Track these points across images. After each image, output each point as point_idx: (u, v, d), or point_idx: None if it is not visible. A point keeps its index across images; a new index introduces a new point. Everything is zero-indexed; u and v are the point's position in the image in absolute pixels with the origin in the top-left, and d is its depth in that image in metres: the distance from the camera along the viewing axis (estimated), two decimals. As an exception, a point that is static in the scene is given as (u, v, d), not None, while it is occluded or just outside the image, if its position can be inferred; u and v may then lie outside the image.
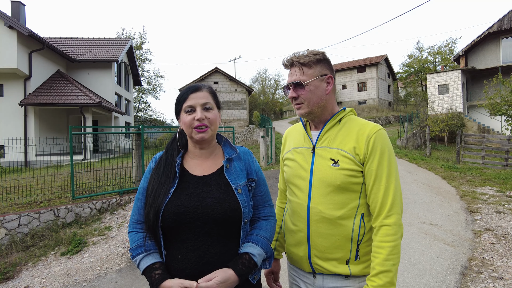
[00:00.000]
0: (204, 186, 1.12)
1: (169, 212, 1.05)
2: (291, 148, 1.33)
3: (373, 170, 1.12)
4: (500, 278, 3.10)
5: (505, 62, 19.50)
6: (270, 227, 1.21)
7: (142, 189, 1.17)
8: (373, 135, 1.14)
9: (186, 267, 1.03)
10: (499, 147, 11.28)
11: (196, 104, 1.12)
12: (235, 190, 1.12)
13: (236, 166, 1.19)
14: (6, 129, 12.56)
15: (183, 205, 1.06)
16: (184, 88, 1.19)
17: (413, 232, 4.42)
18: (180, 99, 1.15)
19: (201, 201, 1.08)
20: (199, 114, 1.10)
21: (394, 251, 1.06)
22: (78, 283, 3.50)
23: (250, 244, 1.11)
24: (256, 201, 1.22)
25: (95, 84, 16.61)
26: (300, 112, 1.21)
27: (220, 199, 1.08)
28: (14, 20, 13.17)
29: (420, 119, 17.90)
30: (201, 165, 1.18)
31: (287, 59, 1.22)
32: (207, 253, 1.04)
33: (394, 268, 1.06)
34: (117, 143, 10.10)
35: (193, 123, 1.11)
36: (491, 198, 6.18)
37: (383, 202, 1.10)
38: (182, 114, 1.14)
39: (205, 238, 1.05)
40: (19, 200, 5.36)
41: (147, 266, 1.04)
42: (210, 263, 1.04)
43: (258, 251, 1.11)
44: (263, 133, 10.94)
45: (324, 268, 1.17)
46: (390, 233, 1.07)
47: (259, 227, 1.19)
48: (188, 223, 1.05)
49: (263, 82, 41.47)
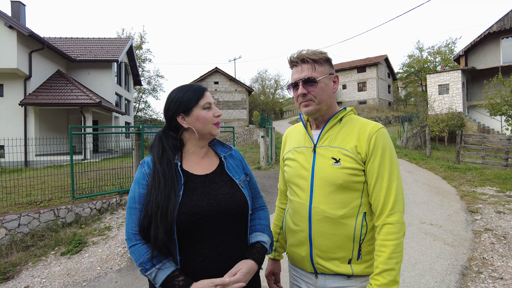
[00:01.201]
0: (211, 184, 1.13)
1: (184, 214, 1.01)
2: (291, 148, 1.32)
3: (375, 168, 1.13)
4: (500, 278, 3.10)
5: (505, 62, 19.51)
6: (267, 215, 1.31)
7: (138, 197, 1.08)
8: (374, 134, 1.15)
9: (208, 267, 1.03)
10: (499, 147, 11.29)
11: (211, 101, 1.17)
12: (239, 185, 1.17)
13: (232, 163, 1.24)
14: (6, 129, 12.56)
15: (197, 205, 1.05)
16: (193, 86, 1.17)
17: (413, 232, 4.42)
18: (193, 97, 1.13)
19: (214, 198, 1.09)
20: (218, 110, 1.17)
21: (397, 249, 1.06)
22: (78, 283, 3.50)
23: (258, 233, 1.19)
24: (251, 193, 1.28)
25: (95, 84, 16.61)
26: (308, 109, 1.19)
27: (231, 194, 1.13)
28: (14, 20, 13.17)
29: (420, 119, 17.90)
30: (199, 164, 1.18)
31: (297, 55, 1.19)
32: (226, 249, 1.07)
33: (398, 266, 1.06)
34: (117, 143, 10.10)
35: (213, 119, 1.15)
36: (491, 198, 6.18)
37: (385, 200, 1.11)
38: (198, 110, 1.13)
39: (223, 235, 1.08)
40: (19, 200, 5.36)
41: (167, 276, 0.98)
42: (231, 259, 1.06)
43: (267, 238, 1.20)
44: (263, 133, 10.93)
45: (326, 268, 1.16)
46: (393, 231, 1.08)
47: (258, 217, 1.26)
48: (204, 223, 1.04)
49: (263, 82, 41.49)
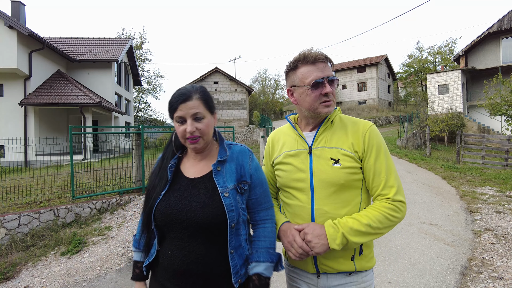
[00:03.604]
0: (192, 189, 1.13)
1: (159, 212, 1.12)
2: (282, 152, 1.29)
3: (371, 165, 1.15)
4: (500, 278, 3.10)
5: (505, 62, 19.51)
6: (268, 233, 1.19)
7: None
8: (367, 132, 1.17)
9: (174, 263, 1.10)
10: (499, 147, 11.29)
11: (186, 115, 1.09)
12: (221, 194, 1.10)
13: (228, 168, 1.16)
14: (6, 129, 12.56)
15: (170, 207, 1.11)
16: (175, 94, 1.13)
17: (413, 232, 4.42)
18: (170, 108, 1.13)
19: (186, 204, 1.10)
20: (189, 127, 1.09)
21: (383, 221, 1.09)
22: (78, 283, 3.50)
23: (254, 264, 1.13)
24: (251, 204, 1.20)
25: (95, 84, 16.61)
26: (330, 109, 1.18)
27: (204, 204, 1.09)
28: (14, 20, 13.16)
29: (420, 119, 17.90)
30: (195, 166, 1.19)
31: (321, 53, 1.17)
32: (192, 253, 1.08)
33: (367, 230, 1.07)
34: (117, 143, 10.10)
35: (185, 134, 1.10)
36: (491, 198, 6.18)
37: (387, 192, 1.13)
38: (174, 122, 1.14)
39: (190, 240, 1.08)
40: (19, 200, 5.36)
41: (134, 260, 1.27)
42: (195, 263, 1.07)
43: (264, 267, 1.12)
44: (263, 133, 10.94)
45: (330, 267, 1.17)
46: (390, 208, 1.11)
47: (257, 237, 1.19)
48: (174, 225, 1.10)
49: (263, 82, 41.52)
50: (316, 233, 1.09)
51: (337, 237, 1.06)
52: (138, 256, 1.26)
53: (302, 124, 1.29)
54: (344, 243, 1.07)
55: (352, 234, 1.07)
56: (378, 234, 1.10)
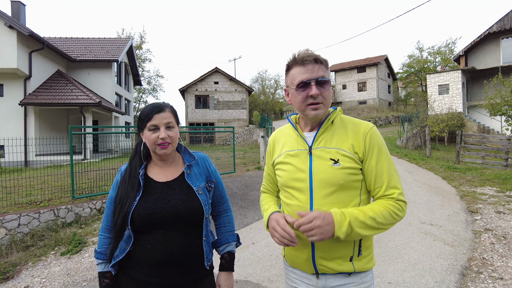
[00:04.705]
0: (168, 190, 1.28)
1: (139, 215, 1.22)
2: (283, 152, 1.29)
3: (373, 166, 1.15)
4: (500, 278, 3.10)
5: (505, 62, 19.52)
6: (230, 219, 1.49)
7: (110, 199, 1.33)
8: (368, 133, 1.17)
9: (155, 255, 1.20)
10: (499, 147, 11.29)
11: (160, 123, 1.25)
12: (196, 192, 1.29)
13: (195, 171, 1.36)
14: (6, 129, 12.56)
15: (151, 207, 1.22)
16: (148, 106, 1.30)
17: (413, 232, 4.42)
18: (145, 118, 1.26)
19: (166, 203, 1.24)
20: (163, 133, 1.24)
21: (387, 217, 1.09)
22: (78, 283, 3.50)
23: (226, 245, 1.42)
24: (215, 199, 1.44)
25: (95, 84, 16.61)
26: (317, 112, 1.15)
27: (183, 200, 1.26)
28: (14, 20, 13.17)
29: (420, 119, 17.91)
30: (164, 172, 1.33)
31: (310, 53, 1.14)
32: (173, 244, 1.22)
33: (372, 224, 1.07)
34: (117, 143, 10.11)
35: (157, 140, 1.25)
36: (491, 198, 6.18)
37: (390, 193, 1.14)
38: (146, 131, 1.27)
39: (172, 232, 1.23)
40: (19, 200, 5.36)
41: (101, 272, 1.29)
42: (176, 252, 1.22)
43: (233, 246, 1.43)
44: (263, 133, 10.94)
45: (329, 268, 1.17)
46: (394, 205, 1.12)
47: (223, 224, 1.46)
48: (157, 222, 1.22)
49: (263, 82, 41.55)
50: (324, 218, 1.05)
51: (343, 225, 1.05)
52: (106, 267, 1.29)
53: (302, 124, 1.29)
54: (348, 232, 1.05)
55: (357, 225, 1.06)
56: (380, 230, 1.10)
